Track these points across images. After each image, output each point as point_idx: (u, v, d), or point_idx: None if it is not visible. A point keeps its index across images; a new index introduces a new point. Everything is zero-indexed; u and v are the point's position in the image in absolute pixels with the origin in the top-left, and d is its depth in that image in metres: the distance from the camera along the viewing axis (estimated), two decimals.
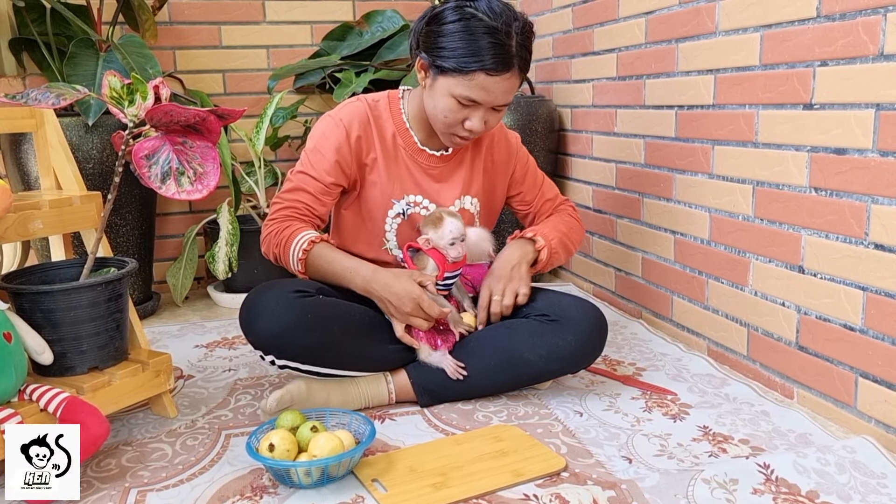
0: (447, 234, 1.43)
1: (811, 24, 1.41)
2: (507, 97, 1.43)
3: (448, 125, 1.46)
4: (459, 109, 1.42)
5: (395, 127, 1.54)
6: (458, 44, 1.38)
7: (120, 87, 1.29)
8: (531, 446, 1.30)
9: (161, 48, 2.43)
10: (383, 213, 1.54)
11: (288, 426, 1.25)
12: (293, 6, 2.55)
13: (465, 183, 1.59)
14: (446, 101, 1.42)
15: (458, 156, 1.59)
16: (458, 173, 1.59)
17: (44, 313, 1.26)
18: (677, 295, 1.90)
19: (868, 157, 1.31)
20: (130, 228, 2.18)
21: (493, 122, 1.47)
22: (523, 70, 1.44)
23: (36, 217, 1.32)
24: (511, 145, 1.66)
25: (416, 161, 1.55)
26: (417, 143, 1.55)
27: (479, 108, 1.43)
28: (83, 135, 2.03)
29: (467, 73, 1.37)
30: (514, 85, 1.43)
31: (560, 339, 1.46)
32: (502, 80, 1.39)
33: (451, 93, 1.41)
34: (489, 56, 1.36)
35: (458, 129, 1.46)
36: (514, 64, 1.39)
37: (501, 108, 1.46)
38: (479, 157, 1.62)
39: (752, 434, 1.36)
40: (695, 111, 1.77)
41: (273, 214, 1.51)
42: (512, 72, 1.40)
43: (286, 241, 1.46)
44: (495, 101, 1.42)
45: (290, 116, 2.45)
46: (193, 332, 2.07)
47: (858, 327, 1.35)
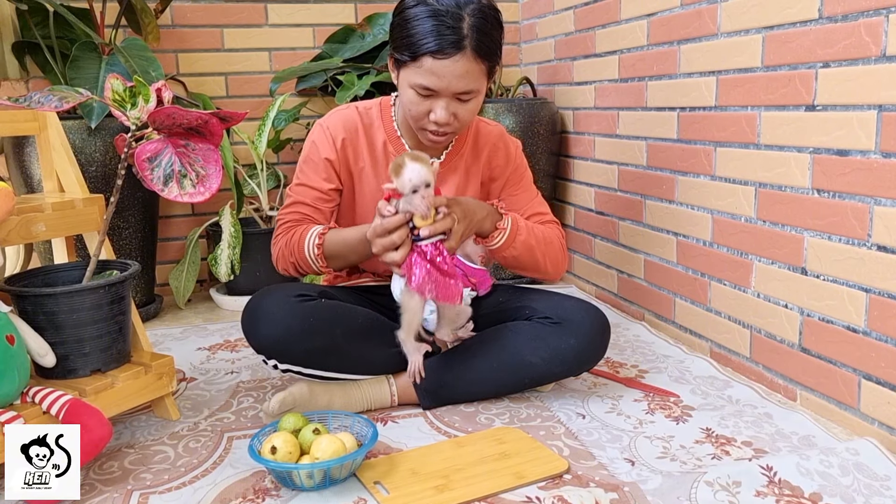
0: (407, 181, 1.26)
1: (813, 25, 1.41)
2: (464, 83, 1.35)
3: (415, 119, 1.41)
4: (421, 101, 1.38)
5: (387, 135, 1.53)
6: (407, 31, 1.35)
7: (122, 90, 1.29)
8: (533, 448, 1.30)
9: (163, 51, 2.43)
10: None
11: (290, 429, 1.25)
12: (295, 9, 2.55)
13: (459, 190, 1.57)
14: (407, 94, 1.39)
15: (452, 163, 1.56)
16: (452, 180, 1.56)
17: (46, 316, 1.26)
18: (679, 297, 1.89)
19: (870, 158, 1.31)
20: (133, 231, 2.18)
21: (463, 115, 1.40)
22: (482, 54, 1.35)
23: (39, 220, 1.32)
24: (510, 153, 1.61)
25: None
26: (408, 151, 1.52)
27: (440, 97, 1.37)
28: (86, 138, 2.03)
29: (416, 58, 1.34)
30: (469, 69, 1.34)
31: (562, 342, 1.46)
32: (452, 64, 1.32)
33: (410, 83, 1.37)
34: (433, 38, 1.31)
35: (425, 122, 1.40)
36: (464, 46, 1.32)
37: (467, 97, 1.38)
38: (477, 163, 1.58)
39: (755, 436, 1.35)
40: (697, 113, 1.77)
41: (277, 230, 1.51)
42: (462, 53, 1.32)
43: (297, 245, 1.45)
44: (451, 87, 1.35)
45: (292, 119, 2.45)
46: (196, 334, 2.07)
47: (861, 329, 1.35)
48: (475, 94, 1.39)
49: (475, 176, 1.58)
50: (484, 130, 1.59)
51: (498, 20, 1.39)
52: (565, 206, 2.54)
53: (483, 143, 1.58)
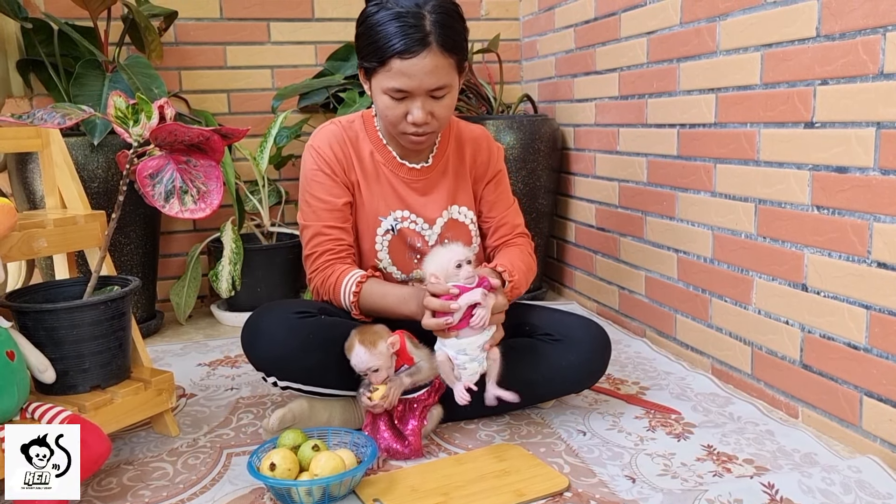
0: (354, 367, 1.32)
1: (811, 43, 1.42)
2: (435, 79, 1.35)
3: (393, 124, 1.42)
4: (396, 105, 1.38)
5: (372, 144, 1.53)
6: (372, 38, 1.35)
7: (125, 107, 1.30)
8: (534, 466, 1.29)
9: (166, 69, 2.45)
10: (373, 232, 1.52)
11: (289, 445, 1.25)
12: (297, 27, 2.58)
13: (451, 193, 1.56)
14: (382, 100, 1.39)
15: (441, 166, 1.56)
16: (443, 184, 1.56)
17: (47, 331, 1.26)
18: (680, 313, 1.89)
19: (869, 175, 1.31)
20: (134, 247, 2.19)
21: (440, 112, 1.40)
22: (449, 48, 1.35)
23: (40, 236, 1.32)
24: (493, 152, 1.61)
25: (397, 176, 1.52)
26: (396, 158, 1.52)
27: (414, 97, 1.37)
28: (88, 154, 2.04)
29: (384, 62, 1.34)
30: (437, 64, 1.34)
31: (563, 360, 1.46)
32: (420, 61, 1.33)
33: (382, 88, 1.38)
34: (398, 39, 1.32)
35: (404, 125, 1.41)
36: (429, 41, 1.33)
37: (441, 93, 1.38)
38: (463, 163, 1.58)
39: (757, 453, 1.35)
40: (696, 130, 1.77)
41: (310, 268, 1.50)
42: (428, 50, 1.33)
43: (333, 291, 1.45)
44: (423, 85, 1.35)
45: (293, 136, 2.46)
46: (196, 350, 2.07)
47: (862, 346, 1.35)
48: (448, 88, 1.39)
49: (463, 177, 1.58)
50: (466, 129, 1.60)
51: (459, 13, 1.40)
52: (566, 223, 2.55)
53: (466, 140, 1.59)
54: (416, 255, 1.54)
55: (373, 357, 1.29)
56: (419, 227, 1.53)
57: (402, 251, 1.53)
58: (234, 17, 2.51)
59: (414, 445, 1.34)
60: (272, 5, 2.53)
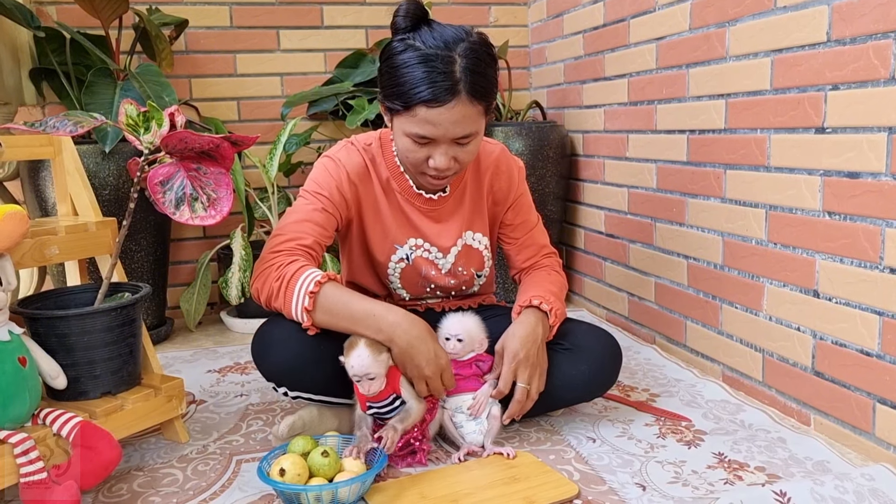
0: (349, 368, 1.28)
1: (822, 48, 1.41)
2: (461, 128, 1.30)
3: (414, 166, 1.37)
4: (418, 149, 1.33)
5: (389, 171, 1.48)
6: (397, 80, 1.29)
7: (136, 115, 1.31)
8: (543, 473, 1.28)
9: (177, 77, 2.47)
10: (386, 259, 1.50)
11: (299, 451, 1.25)
12: (307, 34, 2.59)
13: (467, 220, 1.52)
14: (404, 142, 1.34)
15: (457, 193, 1.52)
16: (459, 211, 1.52)
17: (58, 338, 1.27)
18: (691, 320, 1.88)
19: (881, 180, 1.30)
20: (145, 254, 2.20)
21: (464, 157, 1.35)
22: (478, 95, 1.29)
23: (52, 243, 1.33)
24: (512, 176, 1.56)
25: (412, 205, 1.49)
26: (413, 188, 1.48)
27: (438, 144, 1.32)
28: (100, 162, 2.06)
29: (410, 108, 1.28)
30: (466, 113, 1.29)
31: (574, 369, 1.45)
32: (447, 111, 1.27)
33: (405, 132, 1.32)
34: (425, 87, 1.25)
35: (424, 168, 1.36)
36: (459, 90, 1.26)
37: (466, 141, 1.33)
38: (480, 190, 1.53)
39: (768, 461, 1.34)
40: (706, 136, 1.77)
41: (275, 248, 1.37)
42: (457, 99, 1.27)
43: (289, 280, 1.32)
44: (448, 134, 1.30)
45: (303, 143, 2.47)
46: (206, 357, 2.08)
47: (875, 352, 1.34)
48: (474, 135, 1.34)
49: (479, 204, 1.54)
50: (484, 152, 1.54)
51: (491, 55, 1.34)
52: (575, 229, 2.54)
53: (485, 166, 1.54)
54: (429, 284, 1.54)
55: (375, 362, 1.27)
56: (433, 255, 1.51)
57: (415, 279, 1.53)
58: (243, 26, 2.52)
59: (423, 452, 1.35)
60: (282, 13, 2.55)
